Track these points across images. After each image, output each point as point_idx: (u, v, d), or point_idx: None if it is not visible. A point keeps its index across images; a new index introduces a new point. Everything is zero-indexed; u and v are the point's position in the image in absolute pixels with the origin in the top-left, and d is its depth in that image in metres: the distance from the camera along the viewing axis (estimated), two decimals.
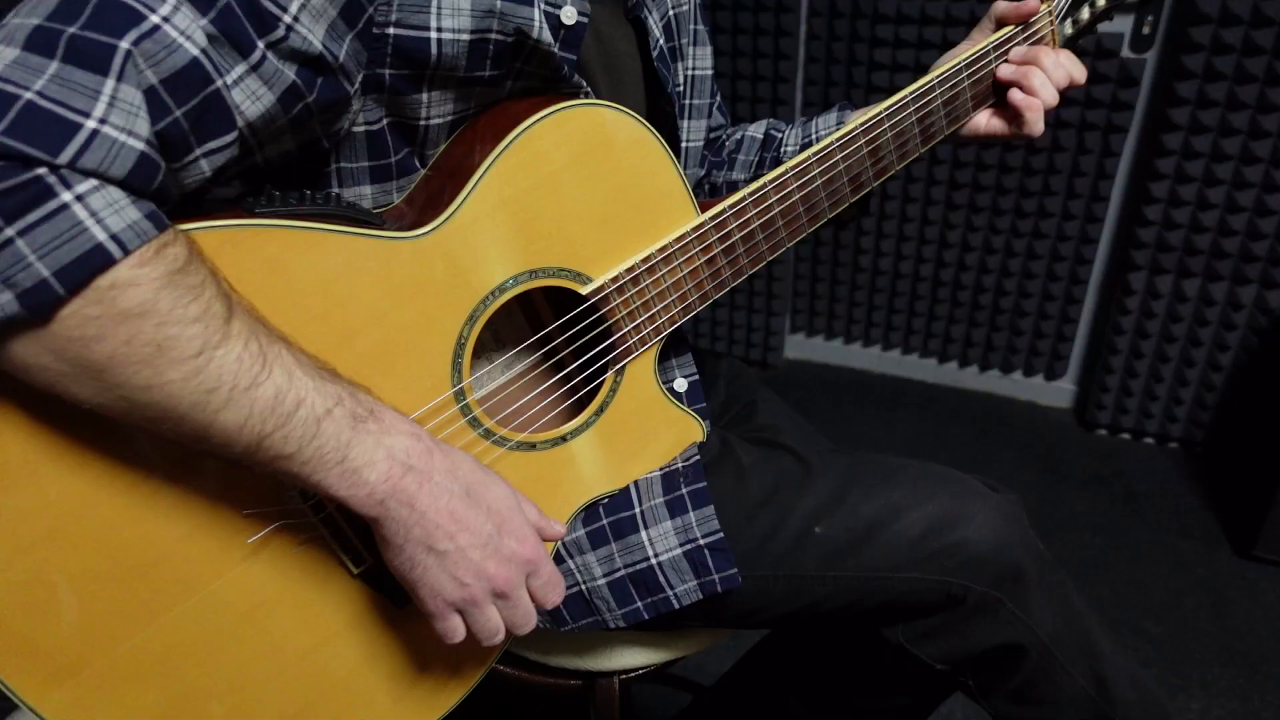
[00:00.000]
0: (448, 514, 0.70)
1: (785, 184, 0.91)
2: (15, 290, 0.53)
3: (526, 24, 0.75)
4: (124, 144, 0.56)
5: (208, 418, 0.61)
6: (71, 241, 0.54)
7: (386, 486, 0.67)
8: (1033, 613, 0.89)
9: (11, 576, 0.64)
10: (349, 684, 0.80)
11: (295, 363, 0.65)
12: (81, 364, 0.57)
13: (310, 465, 0.65)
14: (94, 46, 0.56)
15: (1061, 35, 1.06)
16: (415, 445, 0.69)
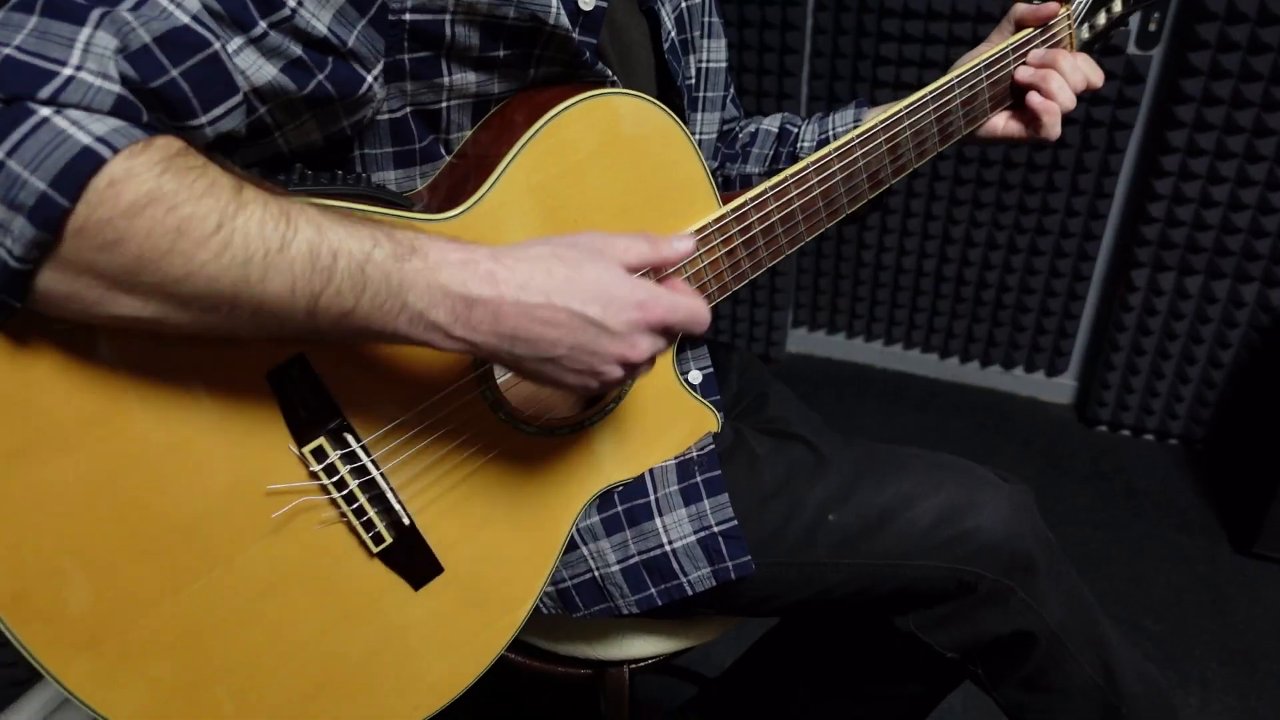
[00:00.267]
0: (541, 325, 0.67)
1: (806, 178, 0.92)
2: (23, 211, 0.53)
3: (541, 9, 0.75)
4: (100, 87, 0.56)
5: (255, 292, 0.59)
6: (58, 149, 0.53)
7: (460, 326, 0.65)
8: (1043, 601, 0.90)
9: (41, 545, 0.64)
10: (364, 663, 0.80)
11: (320, 214, 0.62)
12: (115, 273, 0.56)
13: (374, 318, 0.63)
14: (70, 6, 0.57)
15: (1079, 39, 1.07)
16: (471, 273, 0.65)
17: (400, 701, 0.83)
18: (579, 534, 0.93)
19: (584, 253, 0.70)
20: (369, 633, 0.80)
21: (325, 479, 0.74)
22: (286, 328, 0.62)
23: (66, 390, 0.63)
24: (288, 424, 0.72)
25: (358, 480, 0.76)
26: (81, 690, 0.68)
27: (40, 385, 0.62)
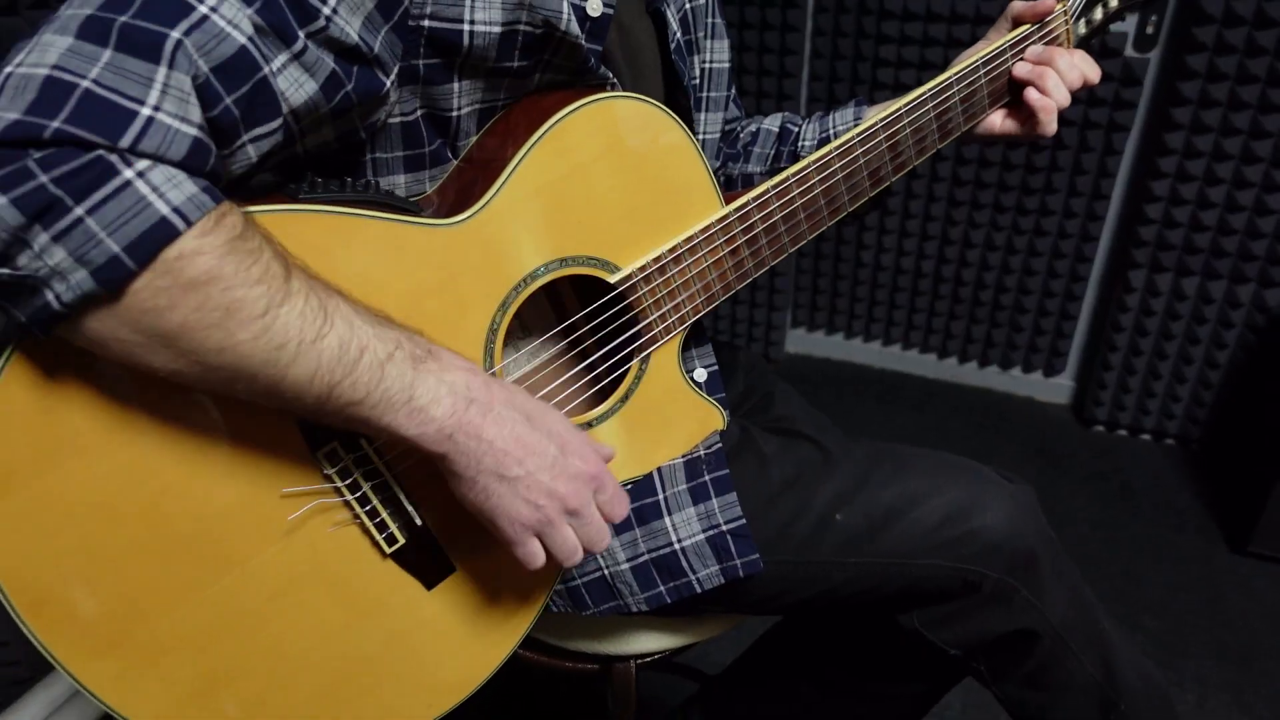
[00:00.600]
0: (514, 440, 0.72)
1: (807, 177, 0.93)
2: (90, 268, 0.55)
3: (555, 16, 0.76)
4: (178, 130, 0.57)
5: (279, 373, 0.63)
6: (137, 217, 0.55)
7: (453, 421, 0.69)
8: (1046, 600, 0.91)
9: (60, 549, 0.65)
10: (377, 662, 0.81)
11: (353, 312, 0.66)
12: (156, 333, 0.59)
13: (379, 408, 0.67)
14: (146, 35, 0.57)
15: (1076, 35, 1.08)
16: (473, 380, 0.71)
17: (414, 699, 0.84)
18: None
19: (551, 409, 0.78)
20: (383, 632, 0.81)
21: (339, 481, 0.75)
22: (291, 405, 0.66)
23: (86, 400, 0.64)
24: (301, 428, 0.73)
25: (371, 482, 0.77)
26: (103, 691, 0.69)
27: (61, 396, 0.63)
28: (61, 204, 0.54)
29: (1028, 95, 1.01)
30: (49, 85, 0.54)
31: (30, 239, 0.54)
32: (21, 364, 0.61)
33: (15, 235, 0.53)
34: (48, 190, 0.53)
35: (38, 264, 0.54)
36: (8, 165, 0.53)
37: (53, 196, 0.53)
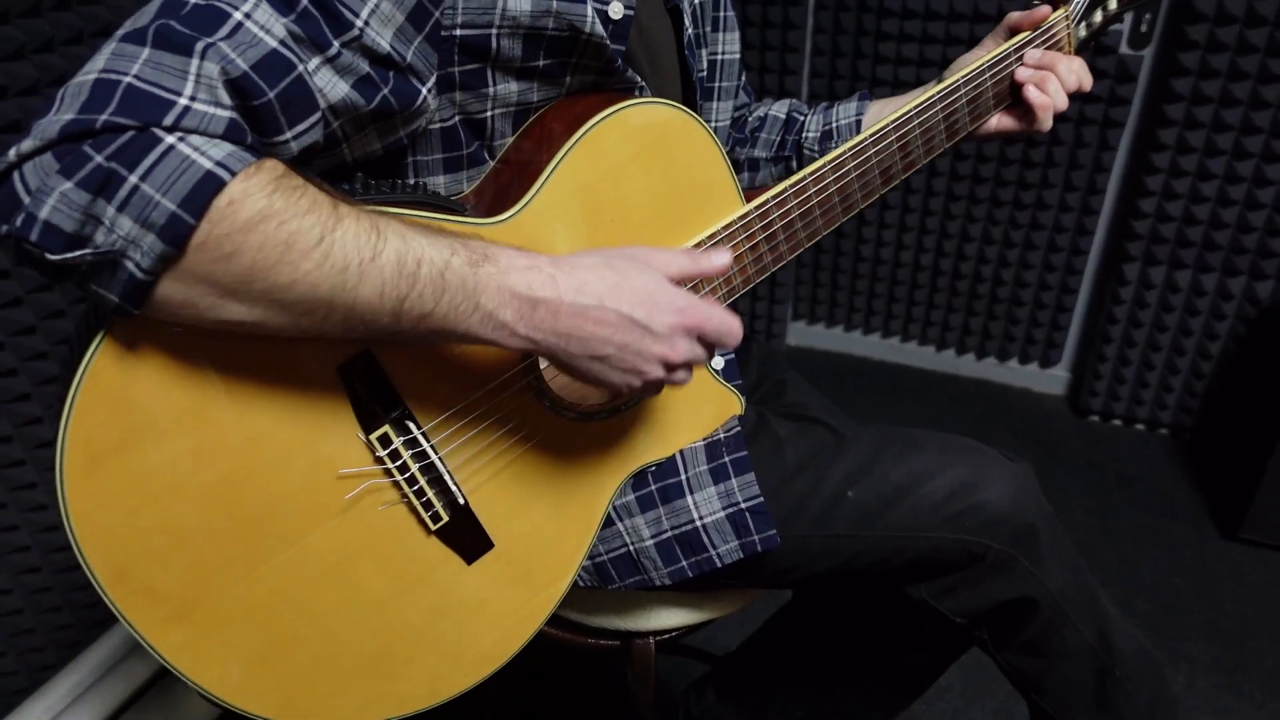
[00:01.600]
0: (593, 323, 0.74)
1: (823, 176, 0.98)
2: (154, 229, 0.59)
3: (579, 19, 0.81)
4: (214, 114, 0.62)
5: (349, 296, 0.66)
6: (185, 174, 0.59)
7: (525, 323, 0.72)
8: (1045, 570, 0.96)
9: (140, 525, 0.70)
10: (421, 633, 0.87)
11: (404, 226, 0.69)
12: (229, 282, 0.63)
13: (451, 318, 0.69)
14: (180, 35, 0.62)
15: (1076, 38, 1.12)
16: (536, 277, 0.72)
17: (455, 667, 0.89)
18: (615, 511, 0.99)
19: (632, 262, 0.78)
20: (426, 604, 0.86)
21: (389, 463, 0.80)
22: (372, 328, 0.68)
23: (163, 386, 0.69)
24: (356, 413, 0.78)
25: (418, 464, 0.82)
26: (175, 658, 0.74)
27: (140, 382, 0.68)
28: (117, 174, 0.58)
29: (1028, 94, 1.06)
30: (97, 86, 0.59)
31: (100, 214, 0.58)
32: (109, 351, 0.66)
33: (86, 213, 0.58)
34: (103, 166, 0.58)
35: (112, 237, 0.59)
36: (68, 156, 0.58)
37: (108, 169, 0.58)
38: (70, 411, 0.65)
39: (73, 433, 0.66)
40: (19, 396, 1.51)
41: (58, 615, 1.69)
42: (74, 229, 0.58)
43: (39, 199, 0.58)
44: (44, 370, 1.52)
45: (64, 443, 0.66)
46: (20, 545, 1.59)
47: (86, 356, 0.65)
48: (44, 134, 0.58)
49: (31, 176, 0.58)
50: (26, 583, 1.63)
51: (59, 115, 0.59)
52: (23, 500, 1.57)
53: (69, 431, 0.66)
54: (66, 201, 0.58)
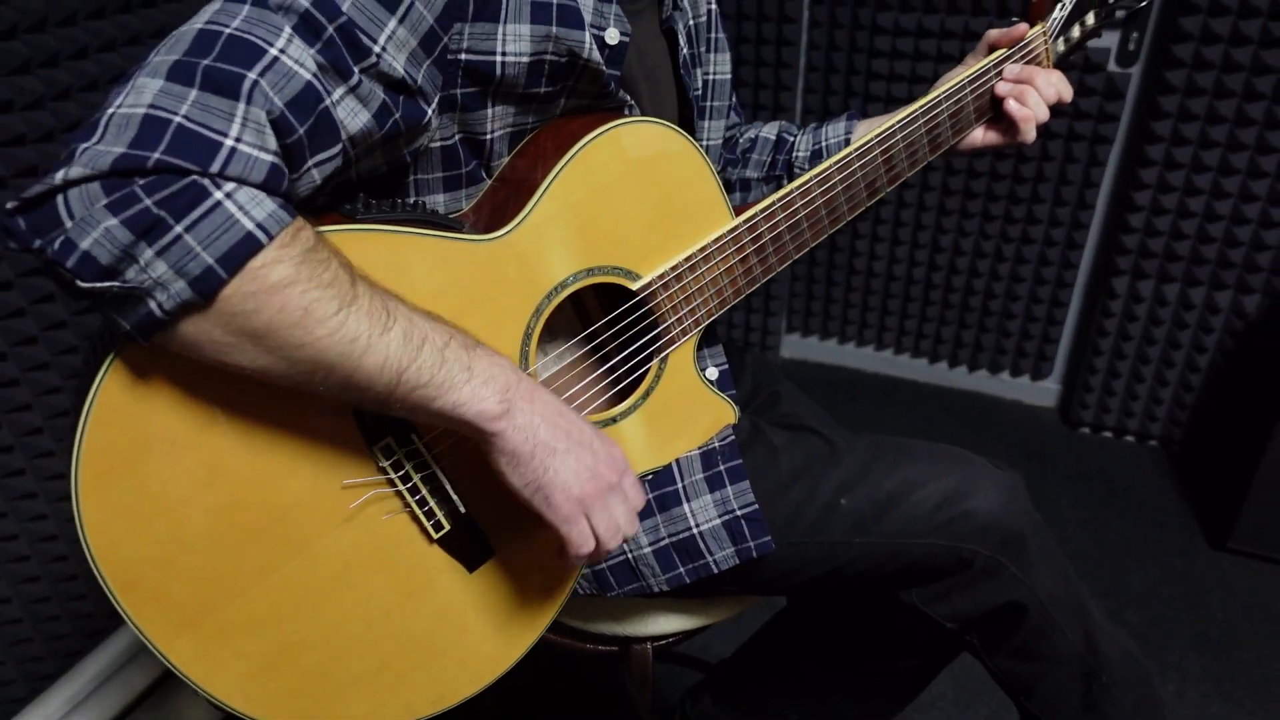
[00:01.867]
0: (558, 415, 0.80)
1: (809, 190, 1.00)
2: (187, 278, 0.62)
3: (578, 45, 0.84)
4: (257, 158, 0.65)
5: (353, 364, 0.70)
6: (227, 233, 0.62)
7: (507, 397, 0.76)
8: (1033, 575, 0.99)
9: (151, 536, 0.72)
10: (426, 640, 0.88)
11: (410, 309, 0.74)
12: (245, 333, 0.66)
13: (443, 388, 0.73)
14: (226, 76, 0.64)
15: (1055, 52, 1.15)
16: (513, 365, 0.79)
17: (460, 674, 0.91)
18: None
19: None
20: (430, 611, 0.88)
21: (392, 473, 0.82)
22: (364, 395, 0.73)
23: (173, 401, 0.71)
24: (359, 425, 0.81)
25: (420, 474, 0.84)
26: (185, 665, 0.76)
27: (152, 398, 0.70)
28: (164, 223, 0.61)
29: (1008, 107, 1.09)
30: (147, 122, 0.62)
31: (137, 254, 0.61)
32: (120, 369, 0.68)
33: (125, 251, 0.61)
34: (151, 211, 0.60)
35: (142, 276, 0.61)
36: (117, 192, 0.60)
37: (156, 217, 0.61)
38: (84, 426, 0.67)
39: (87, 446, 0.68)
40: (20, 407, 1.52)
41: (56, 624, 1.70)
42: (109, 263, 0.61)
43: (82, 228, 0.60)
44: (45, 380, 1.54)
45: (78, 456, 0.68)
46: (20, 555, 1.60)
47: (100, 373, 0.67)
48: (94, 164, 0.60)
49: (76, 203, 0.60)
50: (25, 592, 1.64)
51: (108, 146, 0.61)
52: (22, 510, 1.58)
53: (83, 445, 0.68)
54: (109, 237, 0.60)
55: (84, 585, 1.71)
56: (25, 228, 0.61)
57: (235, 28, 0.66)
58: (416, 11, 0.74)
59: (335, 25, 0.70)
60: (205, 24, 0.67)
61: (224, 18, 0.67)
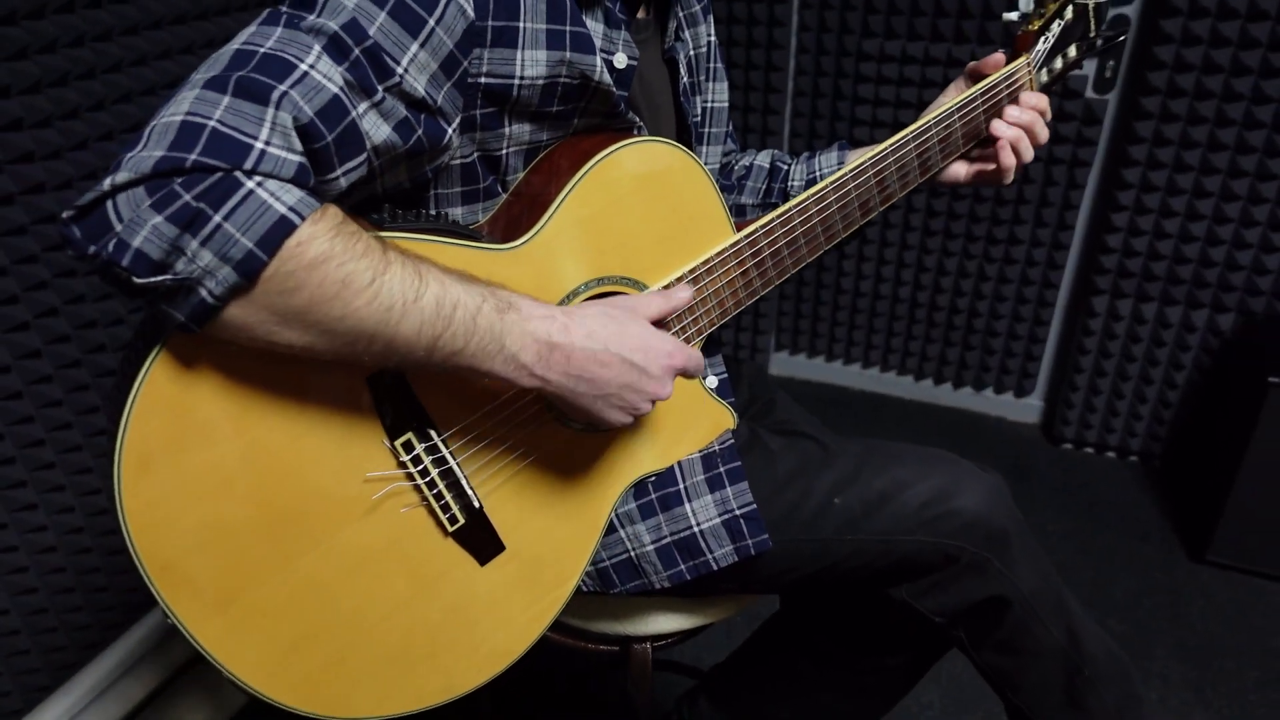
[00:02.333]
0: (598, 367, 0.84)
1: (807, 209, 1.06)
2: (231, 263, 0.66)
3: (589, 69, 0.90)
4: (285, 158, 0.70)
5: (390, 331, 0.74)
6: (263, 217, 0.67)
7: (541, 364, 0.81)
8: (1015, 570, 1.03)
9: (187, 521, 0.76)
10: (438, 630, 0.92)
11: (443, 272, 0.77)
12: (288, 311, 0.70)
13: (478, 357, 0.78)
14: (258, 86, 0.69)
15: (1038, 83, 1.21)
16: (552, 325, 0.82)
17: (468, 664, 0.95)
18: (617, 518, 1.05)
19: (625, 312, 0.90)
20: (443, 603, 0.92)
21: (411, 467, 0.87)
22: (405, 359, 0.77)
23: (211, 394, 0.75)
24: (382, 421, 0.85)
25: (438, 469, 0.88)
26: (213, 647, 0.80)
27: (192, 390, 0.75)
28: (204, 214, 0.65)
29: (1001, 153, 1.15)
30: (184, 128, 0.66)
31: (184, 246, 0.65)
32: (165, 362, 0.72)
33: (172, 245, 0.65)
34: (191, 205, 0.65)
35: (191, 267, 0.66)
36: (159, 191, 0.65)
37: (196, 209, 0.65)
38: (129, 415, 0.71)
39: (130, 435, 0.72)
40: (22, 419, 1.54)
41: (53, 636, 1.71)
42: (160, 257, 0.65)
43: (132, 228, 0.65)
44: (48, 394, 1.55)
45: (121, 443, 0.72)
46: (18, 566, 1.61)
47: (145, 365, 0.72)
48: (137, 168, 0.65)
49: (124, 207, 0.65)
50: (23, 604, 1.65)
51: (150, 151, 0.65)
52: (22, 521, 1.60)
53: (127, 433, 0.72)
54: (157, 233, 0.65)
55: (81, 598, 1.73)
56: (80, 235, 0.65)
57: (269, 47, 0.72)
58: (438, 37, 0.79)
59: (362, 47, 0.75)
60: (242, 44, 0.72)
61: (259, 38, 0.72)
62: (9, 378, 1.50)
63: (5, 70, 1.37)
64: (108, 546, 1.76)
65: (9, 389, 1.51)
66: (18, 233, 1.45)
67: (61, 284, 1.54)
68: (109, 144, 1.55)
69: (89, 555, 1.72)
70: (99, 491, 1.71)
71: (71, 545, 1.69)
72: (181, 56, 1.69)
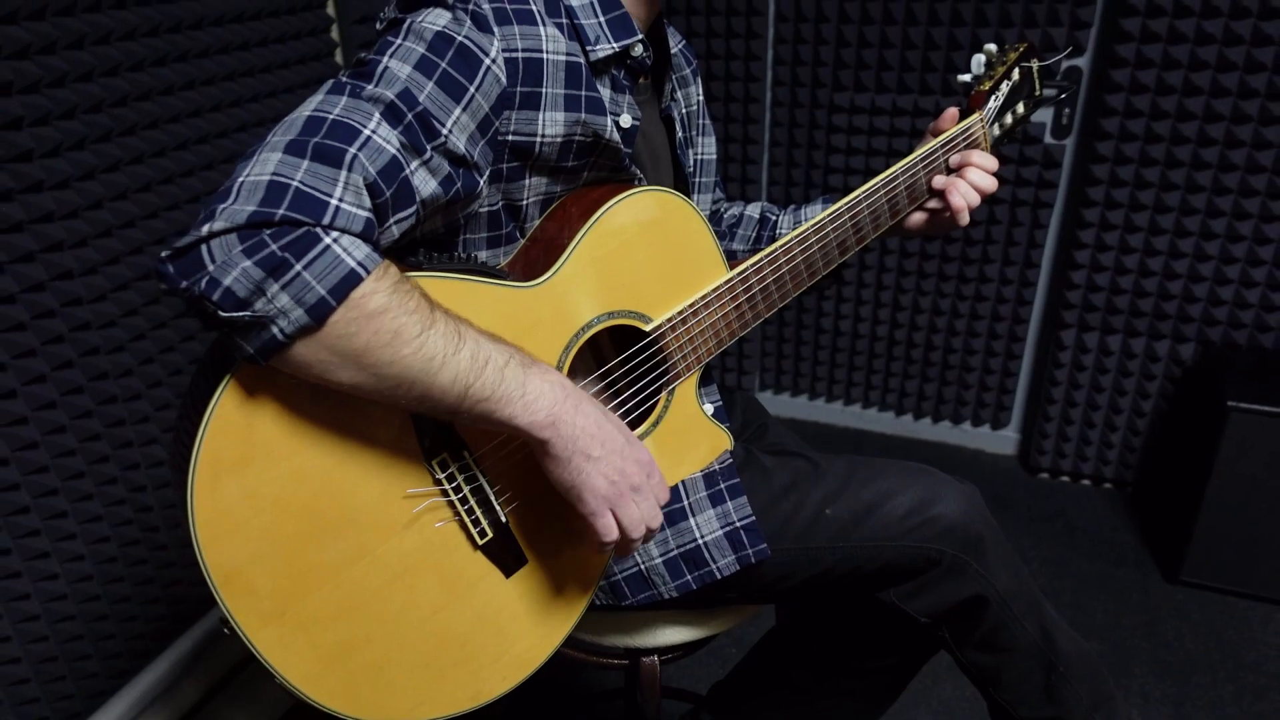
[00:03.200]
0: (596, 427, 0.92)
1: (791, 249, 1.17)
2: (304, 307, 0.76)
3: (600, 128, 1.01)
4: (356, 213, 0.80)
5: (430, 379, 0.83)
6: (336, 269, 0.77)
7: (555, 410, 0.89)
8: (992, 571, 1.13)
9: (250, 534, 0.84)
10: (467, 639, 1.00)
11: (477, 333, 0.86)
12: (346, 353, 0.80)
13: (502, 403, 0.86)
14: (332, 151, 0.80)
15: (991, 136, 1.33)
16: (565, 382, 0.92)
17: (494, 671, 1.02)
18: None
19: (610, 413, 0.96)
20: (472, 613, 1.00)
21: (446, 485, 0.95)
22: (438, 406, 0.86)
23: (273, 418, 0.84)
24: (420, 443, 0.94)
25: (470, 486, 0.97)
26: (268, 652, 0.87)
27: (258, 414, 0.83)
28: (287, 263, 0.75)
29: (951, 199, 1.25)
30: (272, 187, 0.76)
31: (266, 288, 0.75)
32: (235, 389, 0.81)
33: (257, 286, 0.75)
34: (277, 254, 0.75)
35: (269, 307, 0.75)
36: (250, 239, 0.75)
37: (281, 258, 0.75)
38: (202, 435, 0.80)
39: (204, 453, 0.80)
40: (27, 445, 1.58)
41: (61, 685, 1.74)
42: (244, 295, 0.75)
43: (224, 269, 0.74)
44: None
45: (196, 460, 0.80)
46: (30, 615, 1.65)
47: (218, 392, 0.81)
48: (232, 219, 0.74)
49: (218, 251, 0.74)
50: (34, 652, 1.69)
51: (242, 205, 0.75)
52: (26, 548, 1.63)
53: (201, 451, 0.80)
54: (246, 275, 0.74)
55: (89, 645, 1.77)
56: (174, 272, 0.75)
57: (337, 114, 0.82)
58: (476, 102, 0.90)
59: (414, 113, 0.86)
60: (313, 111, 0.82)
61: (327, 106, 0.83)
62: (15, 403, 1.54)
63: (7, 68, 1.44)
64: (114, 595, 1.81)
65: (14, 414, 1.55)
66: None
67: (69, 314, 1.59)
68: (106, 145, 1.62)
69: (96, 603, 1.78)
70: (108, 539, 1.77)
71: (81, 593, 1.74)
72: (177, 65, 1.76)
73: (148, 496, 1.83)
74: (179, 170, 1.80)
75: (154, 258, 1.76)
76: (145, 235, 1.74)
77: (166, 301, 1.81)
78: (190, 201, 1.84)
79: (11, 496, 1.58)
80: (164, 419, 1.84)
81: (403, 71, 0.87)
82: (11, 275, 1.51)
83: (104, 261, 1.66)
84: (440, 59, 0.88)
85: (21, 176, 1.49)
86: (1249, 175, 2.27)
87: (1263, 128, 2.21)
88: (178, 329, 1.85)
